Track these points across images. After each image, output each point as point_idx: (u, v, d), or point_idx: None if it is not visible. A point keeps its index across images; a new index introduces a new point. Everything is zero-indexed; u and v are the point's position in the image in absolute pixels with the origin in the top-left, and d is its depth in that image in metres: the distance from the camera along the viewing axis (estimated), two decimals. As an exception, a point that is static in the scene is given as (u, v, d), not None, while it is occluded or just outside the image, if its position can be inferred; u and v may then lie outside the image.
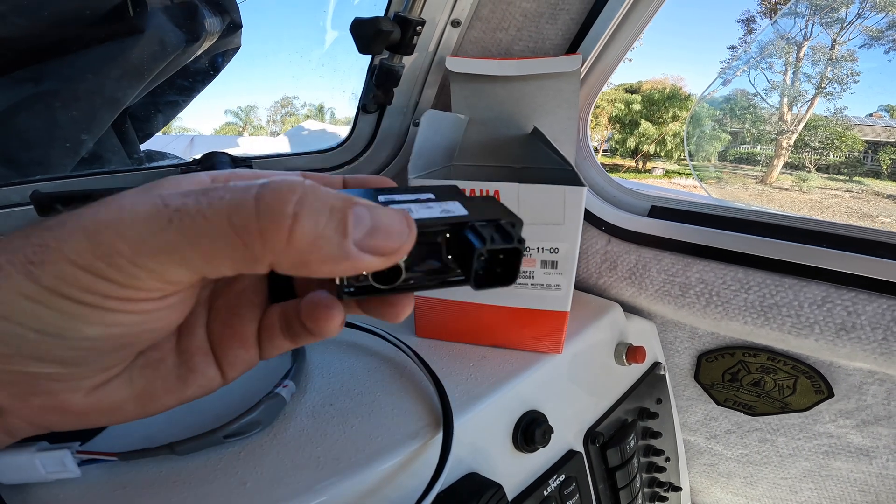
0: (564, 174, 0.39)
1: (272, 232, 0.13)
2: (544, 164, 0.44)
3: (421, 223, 0.16)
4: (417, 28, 0.47)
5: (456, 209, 0.17)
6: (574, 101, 0.51)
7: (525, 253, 0.17)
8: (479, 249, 0.16)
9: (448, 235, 0.17)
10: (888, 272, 0.41)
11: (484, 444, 0.36)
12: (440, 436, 0.32)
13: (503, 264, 0.18)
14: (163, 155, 0.74)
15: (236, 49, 0.77)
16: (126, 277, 0.14)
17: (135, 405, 0.18)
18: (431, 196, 0.19)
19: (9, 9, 0.50)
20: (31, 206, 0.41)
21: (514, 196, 0.36)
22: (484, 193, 0.37)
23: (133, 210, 0.13)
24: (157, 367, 0.19)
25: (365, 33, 0.46)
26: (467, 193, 0.37)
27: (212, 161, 0.47)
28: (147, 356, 0.19)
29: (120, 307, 0.14)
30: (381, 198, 0.18)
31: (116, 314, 0.14)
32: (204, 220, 0.13)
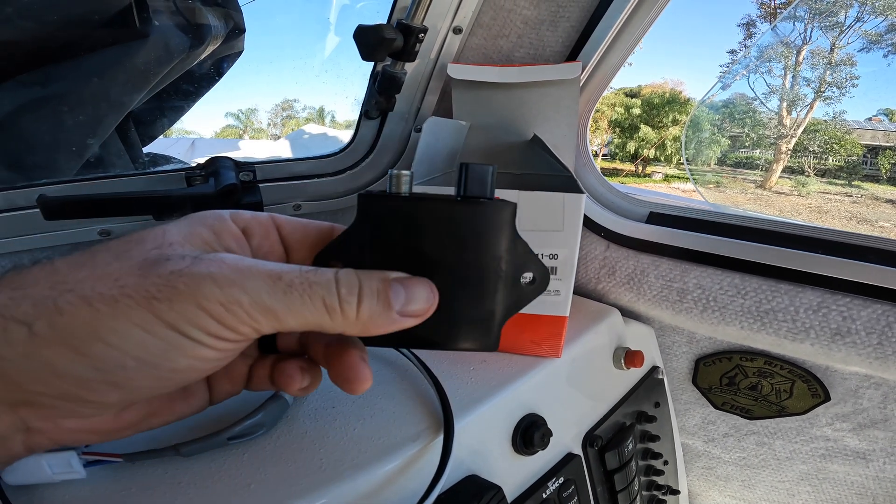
0: (564, 181, 0.39)
1: (347, 311, 0.19)
2: (544, 170, 0.44)
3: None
4: (420, 35, 0.48)
5: None
6: (574, 108, 0.51)
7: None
8: None
9: None
10: (882, 278, 0.41)
11: (484, 447, 0.37)
12: (441, 438, 0.33)
13: None
14: (166, 158, 0.74)
15: (239, 53, 0.78)
16: (235, 322, 0.17)
17: (144, 422, 0.22)
18: None
19: (15, 12, 0.51)
20: (37, 210, 0.41)
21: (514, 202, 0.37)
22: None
23: (254, 274, 0.18)
24: None
25: (368, 41, 0.46)
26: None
27: (215, 166, 0.48)
28: None
29: (212, 343, 0.18)
30: None
31: (206, 350, 0.18)
32: (308, 298, 0.18)
